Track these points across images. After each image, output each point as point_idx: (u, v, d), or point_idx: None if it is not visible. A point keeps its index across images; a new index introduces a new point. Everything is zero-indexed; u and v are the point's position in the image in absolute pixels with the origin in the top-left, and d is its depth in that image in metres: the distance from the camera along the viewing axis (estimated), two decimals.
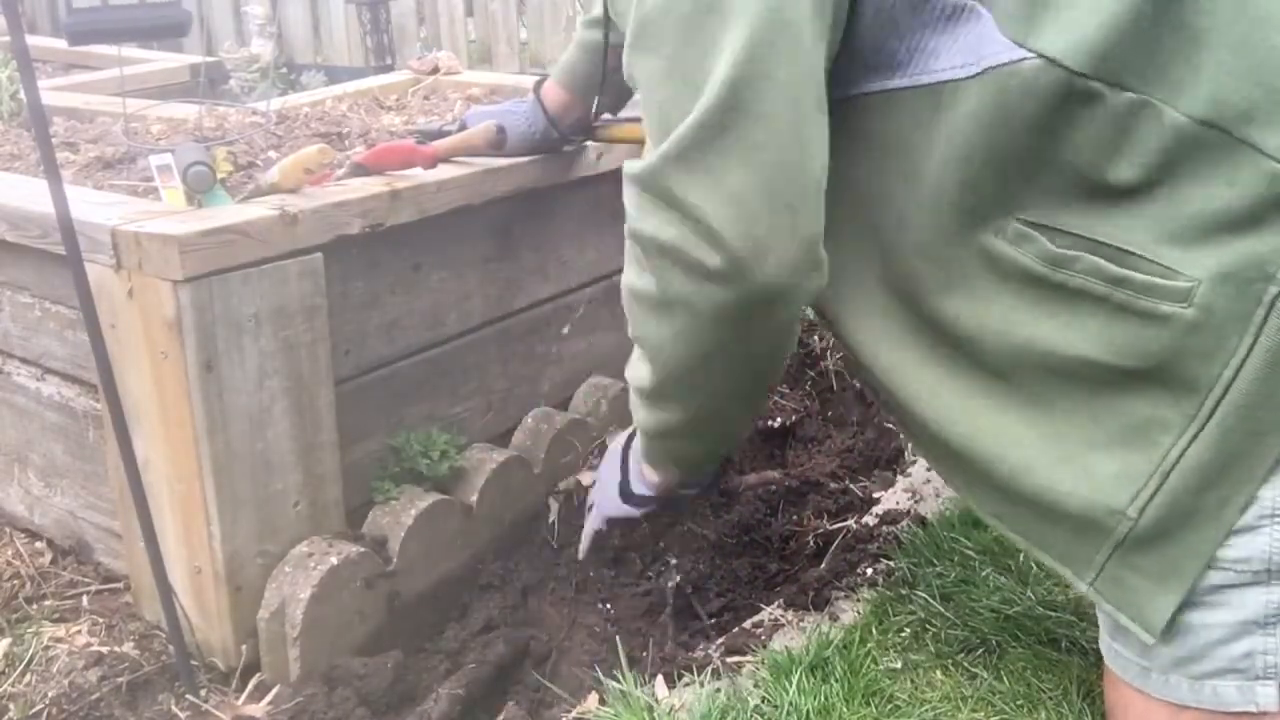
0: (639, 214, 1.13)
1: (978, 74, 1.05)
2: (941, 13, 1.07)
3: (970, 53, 1.06)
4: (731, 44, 1.03)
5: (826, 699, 1.39)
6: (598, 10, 1.73)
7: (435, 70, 2.77)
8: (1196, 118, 1.01)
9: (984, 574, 1.65)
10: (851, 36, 1.11)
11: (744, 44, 1.02)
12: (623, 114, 1.92)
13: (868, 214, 1.18)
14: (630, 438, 1.53)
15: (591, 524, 1.66)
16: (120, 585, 1.70)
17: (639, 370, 1.28)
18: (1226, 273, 1.02)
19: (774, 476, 2.05)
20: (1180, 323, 1.04)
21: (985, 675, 1.46)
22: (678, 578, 1.76)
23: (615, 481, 1.56)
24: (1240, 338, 1.03)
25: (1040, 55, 1.03)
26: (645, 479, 1.51)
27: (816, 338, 2.58)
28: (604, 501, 1.60)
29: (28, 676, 1.53)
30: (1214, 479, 1.06)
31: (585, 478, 1.97)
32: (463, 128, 1.86)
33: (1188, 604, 1.11)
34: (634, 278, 1.19)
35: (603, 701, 1.50)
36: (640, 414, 1.35)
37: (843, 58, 1.12)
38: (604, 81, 1.77)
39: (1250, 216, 1.01)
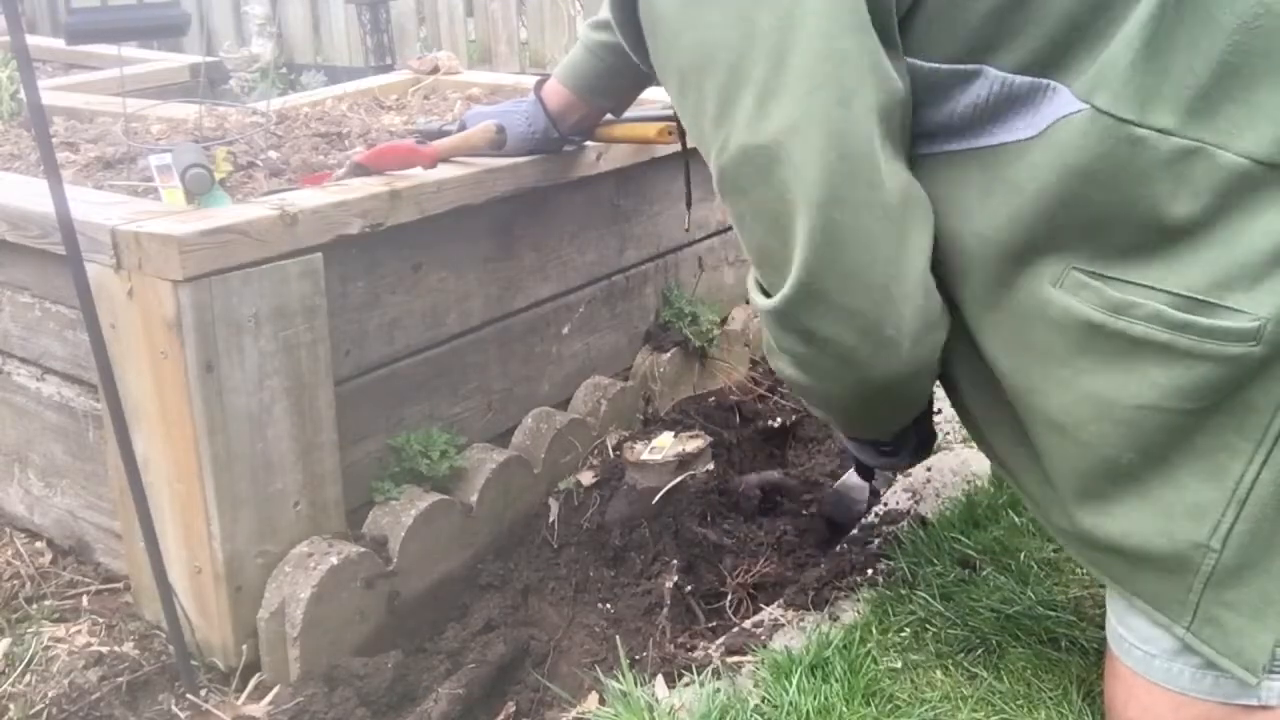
0: (781, 338, 1.22)
1: (1040, 132, 1.07)
2: (1016, 99, 1.08)
3: (1040, 118, 1.07)
4: (811, 178, 1.07)
5: (826, 699, 1.39)
6: (604, 13, 1.73)
7: (435, 70, 2.77)
8: (1258, 158, 1.01)
9: (984, 574, 1.65)
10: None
11: (822, 180, 1.07)
12: (625, 114, 1.92)
13: None
14: None
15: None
16: (120, 585, 1.70)
17: (813, 409, 1.42)
18: None
19: (774, 476, 2.05)
20: (1249, 360, 1.03)
21: (985, 675, 1.46)
22: (677, 577, 1.76)
23: None
24: None
25: (1090, 104, 1.04)
26: None
27: None
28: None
29: (28, 676, 1.53)
30: None
31: (585, 477, 1.97)
32: (463, 128, 1.86)
33: None
34: (787, 369, 1.27)
35: (603, 701, 1.50)
36: (844, 428, 1.53)
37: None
38: (608, 83, 1.77)
39: None
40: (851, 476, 1.93)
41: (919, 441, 1.57)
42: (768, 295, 1.19)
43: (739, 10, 1.07)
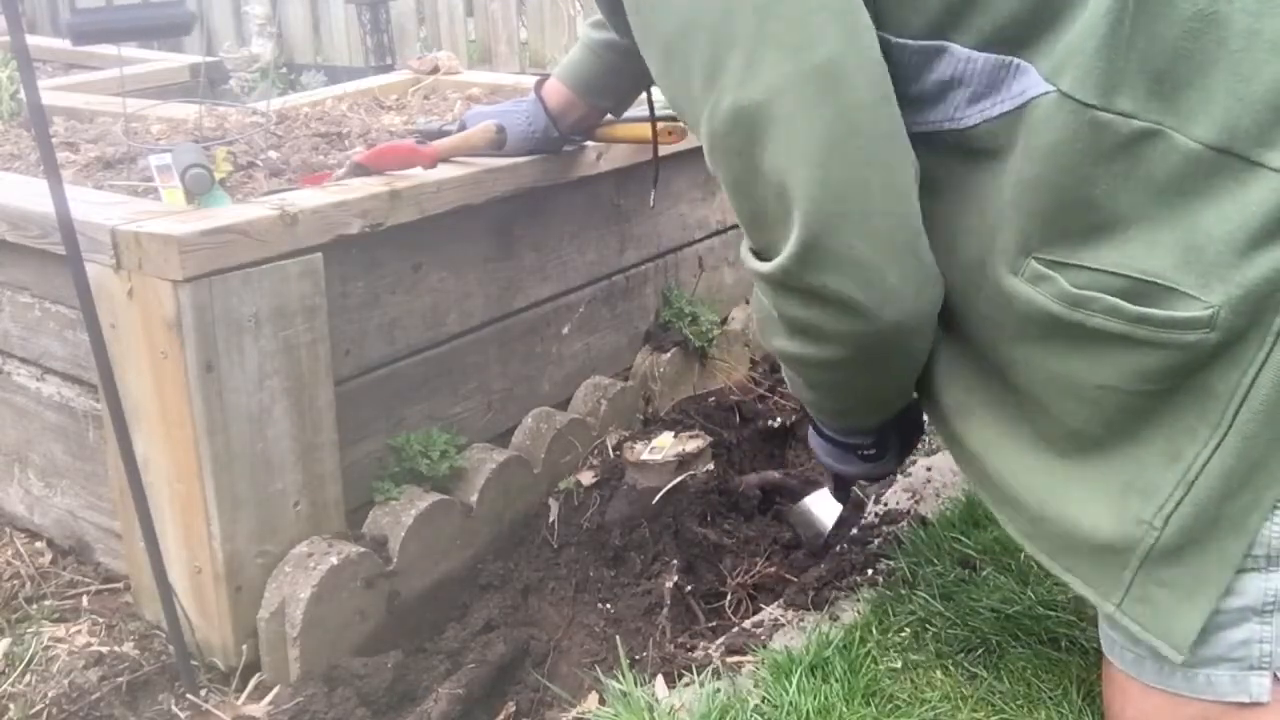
0: (783, 303, 1.21)
1: (1005, 112, 1.09)
2: (981, 77, 1.10)
3: (1009, 97, 1.09)
4: (806, 134, 1.08)
5: (826, 699, 1.39)
6: None
7: (435, 70, 2.77)
8: (1209, 143, 1.03)
9: (984, 574, 1.65)
10: None
11: (818, 134, 1.07)
12: (626, 114, 1.92)
13: None
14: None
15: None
16: (120, 585, 1.70)
17: (804, 394, 1.41)
18: (1245, 291, 1.03)
19: (774, 476, 2.05)
20: (1205, 347, 1.05)
21: (985, 675, 1.46)
22: (676, 577, 1.76)
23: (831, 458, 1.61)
24: (1259, 346, 1.04)
25: (1056, 88, 1.05)
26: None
27: None
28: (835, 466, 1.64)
29: (28, 676, 1.53)
30: (1237, 487, 1.06)
31: (585, 477, 1.97)
32: (463, 128, 1.86)
33: None
34: (787, 344, 1.27)
35: (603, 701, 1.50)
36: (813, 412, 1.49)
37: None
38: (608, 82, 1.77)
39: (1263, 232, 1.02)
40: (820, 496, 1.82)
41: (902, 440, 1.56)
42: (764, 259, 1.18)
43: None
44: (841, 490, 1.75)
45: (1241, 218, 1.03)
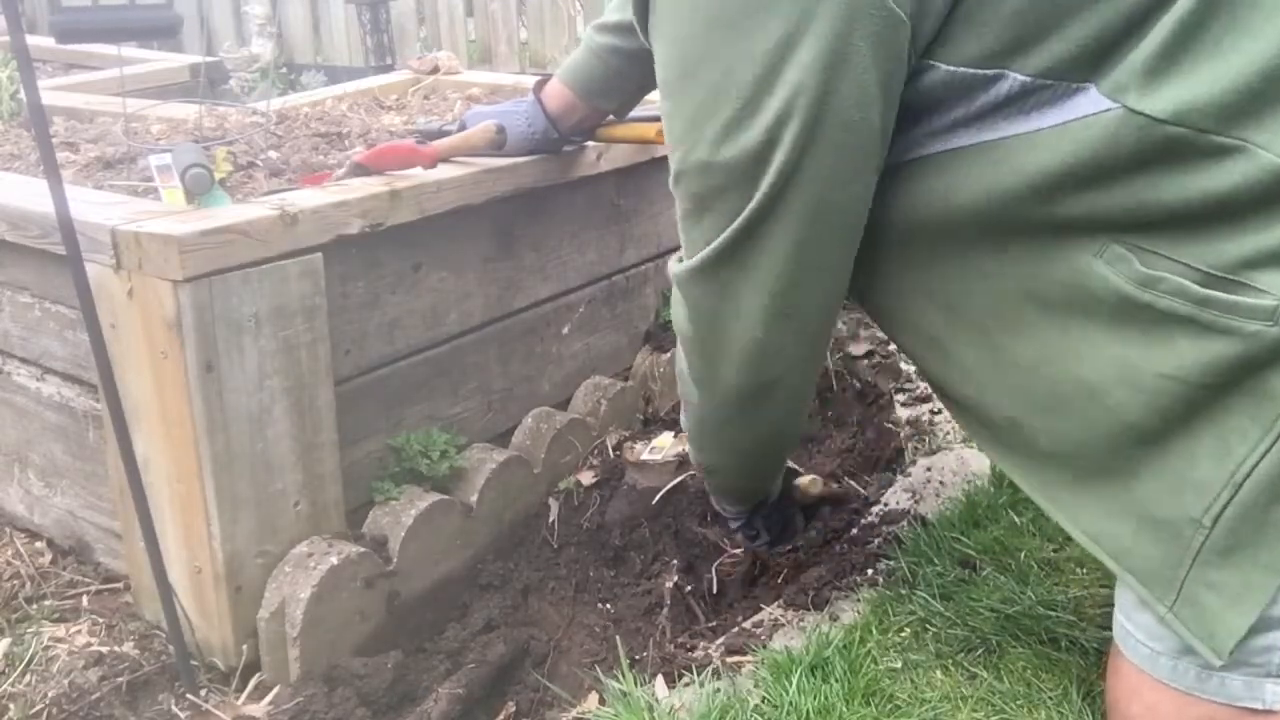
0: (672, 305, 1.32)
1: (1051, 125, 1.08)
2: (1035, 97, 1.08)
3: (1061, 115, 1.07)
4: (761, 190, 1.14)
5: (826, 699, 1.39)
6: (611, 17, 1.73)
7: (435, 70, 2.77)
8: None
9: (984, 574, 1.65)
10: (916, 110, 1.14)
11: (767, 192, 1.13)
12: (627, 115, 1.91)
13: (937, 258, 1.21)
14: None
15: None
16: (120, 585, 1.70)
17: (684, 416, 1.51)
18: None
19: (833, 487, 2.04)
20: (1265, 339, 1.04)
21: (985, 675, 1.46)
22: (676, 577, 1.76)
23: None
24: None
25: (1122, 104, 1.04)
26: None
27: None
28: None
29: (28, 676, 1.53)
30: None
31: (585, 477, 1.97)
32: (463, 128, 1.86)
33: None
34: (678, 356, 1.39)
35: (603, 701, 1.50)
36: (692, 454, 1.58)
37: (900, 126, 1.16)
38: (612, 86, 1.77)
39: None
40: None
41: (774, 535, 1.70)
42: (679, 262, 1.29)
43: (731, 57, 1.10)
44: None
45: None
